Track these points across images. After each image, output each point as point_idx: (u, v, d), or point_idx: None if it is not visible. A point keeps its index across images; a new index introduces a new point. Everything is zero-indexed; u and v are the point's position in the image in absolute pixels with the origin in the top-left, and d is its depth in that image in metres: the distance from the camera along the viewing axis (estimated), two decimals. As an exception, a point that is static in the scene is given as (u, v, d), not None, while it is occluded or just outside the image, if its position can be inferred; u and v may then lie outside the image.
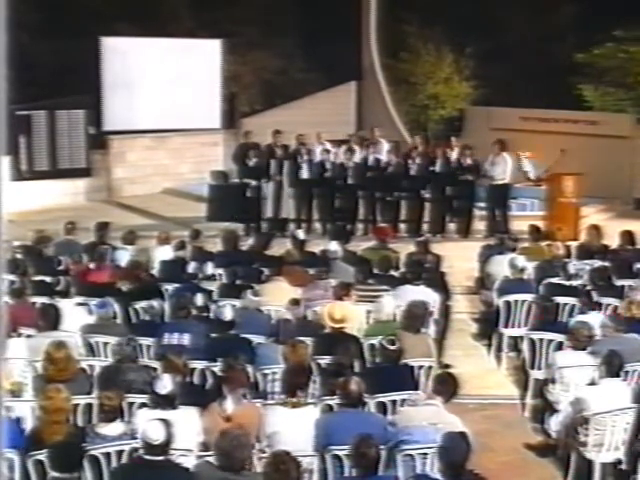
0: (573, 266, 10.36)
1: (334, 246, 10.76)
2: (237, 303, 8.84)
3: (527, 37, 20.29)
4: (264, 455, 6.15)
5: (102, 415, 6.37)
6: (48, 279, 10.14)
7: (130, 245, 11.45)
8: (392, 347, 7.46)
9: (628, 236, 11.46)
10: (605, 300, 9.39)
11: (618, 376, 7.21)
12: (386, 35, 19.99)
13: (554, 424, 7.58)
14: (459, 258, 12.29)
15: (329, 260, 10.46)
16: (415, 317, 8.26)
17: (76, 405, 6.80)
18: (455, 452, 5.55)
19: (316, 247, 11.55)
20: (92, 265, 10.53)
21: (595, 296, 9.44)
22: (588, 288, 9.67)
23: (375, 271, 10.16)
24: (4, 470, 4.00)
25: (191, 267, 10.61)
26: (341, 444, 6.16)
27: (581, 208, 14.88)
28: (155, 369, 7.35)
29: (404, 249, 11.55)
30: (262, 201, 14.94)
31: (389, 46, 20.20)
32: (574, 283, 9.92)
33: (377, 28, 19.98)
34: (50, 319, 8.19)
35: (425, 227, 14.92)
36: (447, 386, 6.76)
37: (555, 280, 10.04)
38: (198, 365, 7.64)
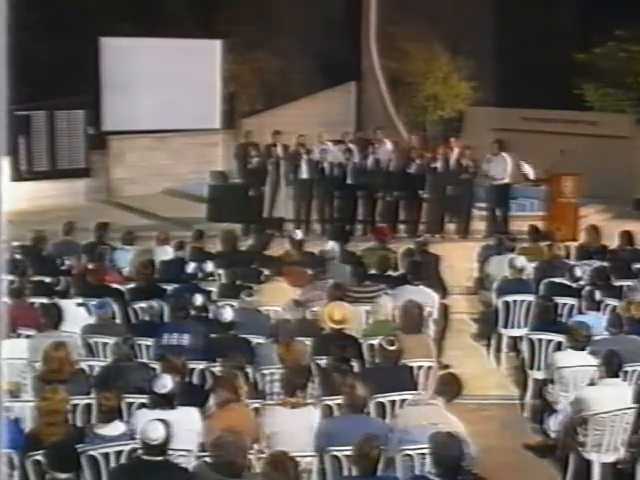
0: (579, 269, 10.27)
1: (331, 245, 10.79)
2: (236, 304, 8.87)
3: (527, 37, 20.27)
4: (263, 455, 6.15)
5: (100, 415, 6.37)
6: (47, 279, 10.14)
7: (129, 245, 11.45)
8: (391, 347, 7.46)
9: (627, 236, 11.46)
10: (604, 300, 9.38)
11: (617, 376, 7.21)
12: (385, 35, 19.99)
13: (553, 424, 7.59)
14: (458, 258, 12.30)
15: (327, 260, 10.47)
16: (411, 317, 8.25)
17: (75, 405, 6.80)
18: (447, 453, 5.54)
19: (315, 247, 11.56)
20: (91, 265, 10.53)
21: (597, 296, 9.43)
22: (589, 288, 9.65)
23: (373, 271, 10.15)
24: (4, 470, 4.00)
25: (190, 267, 10.60)
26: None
27: (580, 208, 14.89)
28: (154, 369, 7.35)
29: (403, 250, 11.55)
30: (262, 201, 14.96)
31: (388, 46, 20.20)
32: (579, 284, 9.89)
33: (377, 28, 19.98)
34: (52, 318, 8.20)
35: (424, 227, 14.93)
36: (450, 387, 6.76)
37: (558, 280, 10.03)
38: (197, 365, 7.65)
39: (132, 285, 9.90)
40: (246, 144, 15.90)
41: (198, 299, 8.80)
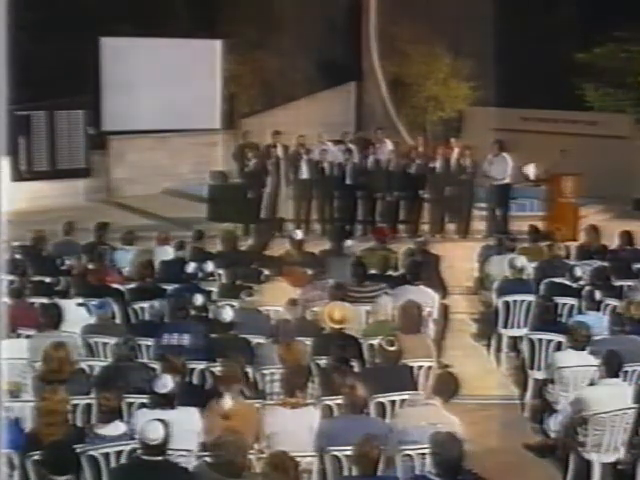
0: (579, 269, 10.26)
1: (350, 243, 10.90)
2: (236, 304, 8.87)
3: (527, 37, 20.26)
4: (263, 455, 6.15)
5: (101, 415, 6.37)
6: (47, 279, 10.14)
7: (129, 245, 11.45)
8: (391, 348, 7.45)
9: (627, 236, 11.46)
10: (604, 300, 9.38)
11: (618, 376, 7.21)
12: (386, 36, 19.99)
13: (553, 424, 7.59)
14: (458, 258, 12.30)
15: (345, 257, 10.50)
16: (410, 317, 8.25)
17: (75, 405, 6.80)
18: (447, 453, 5.53)
19: (315, 247, 11.56)
20: (91, 265, 10.53)
21: (598, 296, 9.43)
22: (589, 288, 9.65)
23: (374, 271, 10.15)
24: (4, 470, 4.00)
25: (191, 267, 10.61)
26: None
27: (580, 208, 14.90)
28: (154, 369, 7.35)
29: (403, 249, 11.56)
30: (262, 201, 14.96)
31: (388, 47, 20.20)
32: (579, 284, 9.88)
33: (377, 29, 19.98)
34: (52, 318, 8.20)
35: (424, 227, 14.94)
36: (448, 386, 6.76)
37: (558, 280, 10.03)
38: (197, 365, 7.65)
39: (132, 285, 9.90)
40: (244, 145, 15.89)
41: (198, 299, 8.80)
